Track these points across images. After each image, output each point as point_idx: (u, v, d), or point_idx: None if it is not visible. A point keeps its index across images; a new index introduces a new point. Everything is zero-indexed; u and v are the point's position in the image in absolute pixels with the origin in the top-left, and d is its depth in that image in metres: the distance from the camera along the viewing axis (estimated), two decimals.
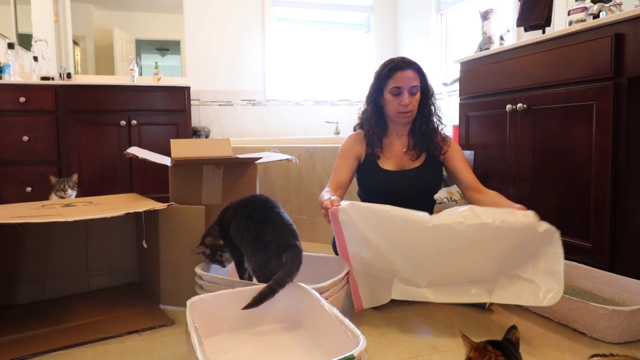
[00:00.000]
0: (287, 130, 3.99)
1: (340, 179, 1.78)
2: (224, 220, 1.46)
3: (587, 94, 1.62)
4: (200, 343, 0.96)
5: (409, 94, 1.72)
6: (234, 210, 1.45)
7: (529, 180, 1.90)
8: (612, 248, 1.57)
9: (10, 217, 1.37)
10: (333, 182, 1.78)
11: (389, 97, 1.76)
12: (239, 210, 1.42)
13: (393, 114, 1.77)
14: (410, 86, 1.72)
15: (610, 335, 1.28)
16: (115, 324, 1.47)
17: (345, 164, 1.81)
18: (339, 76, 4.19)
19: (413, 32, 3.96)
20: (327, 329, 1.11)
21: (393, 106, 1.75)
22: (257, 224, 1.36)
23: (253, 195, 1.47)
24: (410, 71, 1.73)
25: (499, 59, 2.05)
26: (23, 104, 2.76)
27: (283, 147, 2.64)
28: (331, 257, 1.64)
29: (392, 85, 1.74)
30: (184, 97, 3.12)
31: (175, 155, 1.79)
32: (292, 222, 1.40)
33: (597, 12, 1.88)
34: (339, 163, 1.82)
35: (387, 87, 1.76)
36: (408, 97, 1.72)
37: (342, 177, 1.79)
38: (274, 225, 1.35)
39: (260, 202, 1.42)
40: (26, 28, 3.30)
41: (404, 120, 1.78)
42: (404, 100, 1.72)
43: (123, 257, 1.88)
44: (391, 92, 1.74)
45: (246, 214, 1.39)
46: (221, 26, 3.78)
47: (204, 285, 1.40)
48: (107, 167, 2.98)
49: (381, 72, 1.78)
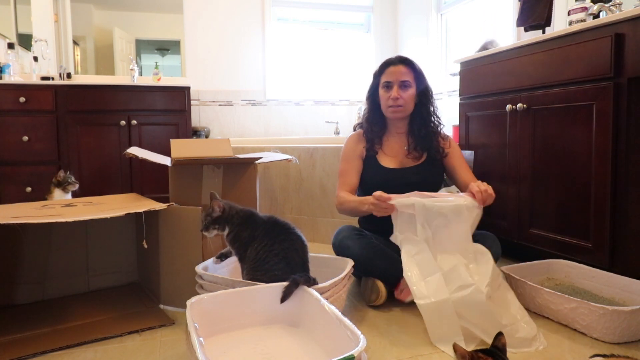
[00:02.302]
0: (287, 130, 3.99)
1: (351, 183, 1.78)
2: (248, 222, 1.45)
3: (587, 94, 1.62)
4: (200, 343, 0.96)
5: (399, 88, 1.74)
6: (262, 223, 1.45)
7: (529, 180, 1.90)
8: (612, 248, 1.57)
9: (10, 217, 1.37)
10: (345, 186, 1.77)
11: (381, 92, 1.79)
12: (267, 228, 1.43)
13: (385, 109, 1.80)
14: (400, 80, 1.74)
15: (610, 335, 1.28)
16: (115, 324, 1.47)
17: (352, 167, 1.81)
18: (339, 76, 4.19)
19: (413, 32, 3.96)
20: (327, 329, 1.11)
21: (384, 101, 1.78)
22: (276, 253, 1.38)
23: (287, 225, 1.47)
24: (402, 66, 1.76)
25: (499, 59, 2.05)
26: (23, 104, 2.77)
27: (283, 147, 2.64)
28: (331, 258, 1.64)
29: (383, 80, 1.78)
30: (184, 97, 3.12)
31: (175, 155, 1.79)
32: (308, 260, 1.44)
33: (597, 12, 1.89)
34: (346, 166, 1.82)
35: (380, 82, 1.80)
36: (397, 90, 1.74)
37: (352, 180, 1.79)
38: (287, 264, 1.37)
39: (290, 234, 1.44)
40: (26, 28, 3.31)
41: (395, 114, 1.78)
42: (393, 94, 1.74)
43: (123, 257, 1.88)
44: (383, 87, 1.78)
45: (272, 236, 1.41)
46: (221, 26, 3.78)
47: (204, 285, 1.40)
48: (107, 167, 2.98)
49: (376, 70, 1.84)
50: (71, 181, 2.34)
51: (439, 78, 3.60)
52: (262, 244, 1.39)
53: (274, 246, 1.38)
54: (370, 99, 1.86)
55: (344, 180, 1.79)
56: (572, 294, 1.47)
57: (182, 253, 1.59)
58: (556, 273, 1.69)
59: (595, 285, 1.55)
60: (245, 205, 1.51)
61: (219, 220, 1.43)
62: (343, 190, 1.76)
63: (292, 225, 1.47)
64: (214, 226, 1.43)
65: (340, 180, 1.80)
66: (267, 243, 1.39)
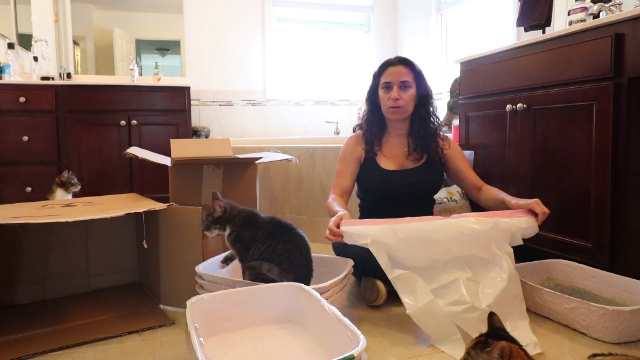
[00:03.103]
0: (287, 130, 3.99)
1: (344, 185, 1.78)
2: (250, 223, 1.45)
3: (587, 94, 1.62)
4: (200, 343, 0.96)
5: (399, 88, 1.72)
6: (264, 224, 1.45)
7: (529, 180, 1.90)
8: (612, 248, 1.57)
9: (10, 217, 1.37)
10: (337, 188, 1.77)
11: (381, 93, 1.78)
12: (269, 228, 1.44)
13: (385, 110, 1.78)
14: (400, 81, 1.72)
15: (610, 335, 1.28)
16: (115, 324, 1.47)
17: (347, 169, 1.81)
18: (339, 76, 4.20)
19: (413, 32, 3.96)
20: (327, 329, 1.10)
21: (384, 102, 1.76)
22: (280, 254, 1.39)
23: (290, 226, 1.47)
24: (401, 66, 1.74)
25: (499, 59, 2.05)
26: (23, 104, 2.77)
27: (283, 147, 2.64)
28: (331, 258, 1.64)
29: (383, 80, 1.76)
30: (184, 97, 3.12)
31: (175, 155, 1.79)
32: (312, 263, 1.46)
33: (597, 12, 1.89)
34: (341, 167, 1.82)
35: (380, 83, 1.78)
36: (398, 91, 1.72)
37: (345, 182, 1.79)
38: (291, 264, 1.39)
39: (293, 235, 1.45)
40: (26, 28, 3.31)
41: (395, 116, 1.77)
42: (393, 94, 1.72)
43: (123, 257, 1.88)
44: (382, 88, 1.76)
45: (276, 237, 1.42)
46: (221, 26, 3.78)
47: (204, 285, 1.40)
48: (107, 167, 2.98)
49: (376, 71, 1.82)
50: (74, 182, 2.36)
51: (439, 78, 3.60)
52: (266, 244, 1.40)
53: (278, 247, 1.39)
54: (370, 100, 1.84)
55: (338, 181, 1.80)
56: (572, 294, 1.47)
57: (182, 253, 1.59)
58: (556, 273, 1.69)
59: (595, 285, 1.55)
60: (245, 206, 1.51)
61: (221, 220, 1.43)
62: (334, 192, 1.76)
63: (294, 226, 1.47)
64: (216, 226, 1.43)
65: (335, 181, 1.80)
66: (271, 244, 1.39)
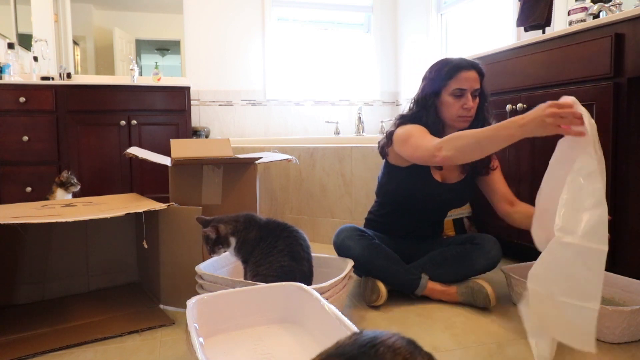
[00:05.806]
0: (287, 130, 4.00)
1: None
2: (249, 228, 1.46)
3: (587, 94, 1.62)
4: (200, 343, 0.96)
5: (472, 96, 1.60)
6: (265, 224, 1.47)
7: (529, 180, 1.90)
8: (612, 248, 1.56)
9: (10, 217, 1.37)
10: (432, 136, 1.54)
11: (449, 100, 1.60)
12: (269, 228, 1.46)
13: (452, 118, 1.62)
14: (474, 89, 1.60)
15: (610, 335, 1.28)
16: (115, 324, 1.47)
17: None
18: (339, 76, 4.19)
19: (413, 32, 3.96)
20: (327, 329, 1.10)
21: (453, 110, 1.60)
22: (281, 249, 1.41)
23: (288, 224, 1.50)
24: (474, 72, 1.60)
25: (499, 58, 2.05)
26: (23, 104, 2.77)
27: (283, 147, 2.64)
28: (332, 258, 1.64)
29: (454, 86, 1.59)
30: (184, 97, 3.12)
31: (175, 155, 1.79)
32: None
33: (597, 12, 1.89)
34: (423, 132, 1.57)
35: (447, 88, 1.60)
36: (472, 100, 1.60)
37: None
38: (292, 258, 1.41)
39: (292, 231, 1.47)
40: (26, 28, 3.31)
41: (463, 125, 1.62)
42: (467, 103, 1.58)
43: (123, 257, 1.88)
44: (452, 94, 1.60)
45: (275, 234, 1.44)
46: (221, 26, 3.78)
47: (204, 285, 1.40)
48: (107, 167, 2.98)
49: (440, 72, 1.62)
50: (74, 182, 2.36)
51: None
52: (266, 242, 1.42)
53: (278, 242, 1.41)
54: (427, 101, 1.64)
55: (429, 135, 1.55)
56: None
57: (182, 253, 1.59)
58: None
59: None
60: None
61: (219, 240, 1.44)
62: (434, 139, 1.49)
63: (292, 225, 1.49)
64: (218, 247, 1.45)
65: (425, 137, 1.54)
66: (271, 241, 1.42)
